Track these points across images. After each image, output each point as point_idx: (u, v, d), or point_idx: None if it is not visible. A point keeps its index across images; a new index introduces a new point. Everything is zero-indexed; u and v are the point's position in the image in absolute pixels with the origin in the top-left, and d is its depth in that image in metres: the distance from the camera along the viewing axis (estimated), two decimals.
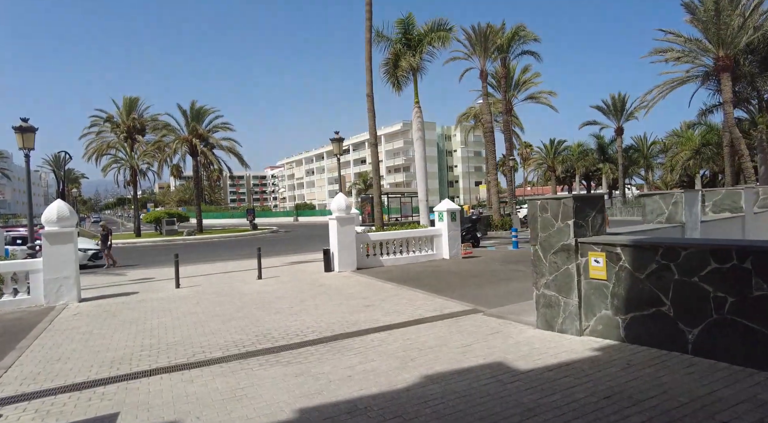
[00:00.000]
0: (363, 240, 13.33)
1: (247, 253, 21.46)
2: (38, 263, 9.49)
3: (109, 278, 13.68)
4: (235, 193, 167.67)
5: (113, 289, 11.42)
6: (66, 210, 9.68)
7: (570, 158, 65.27)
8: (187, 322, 7.70)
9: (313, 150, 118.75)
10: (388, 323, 7.09)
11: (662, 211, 8.09)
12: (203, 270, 14.57)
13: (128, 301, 9.81)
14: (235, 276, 13.01)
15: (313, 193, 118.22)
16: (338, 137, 15.50)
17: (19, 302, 9.41)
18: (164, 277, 13.16)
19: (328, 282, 11.24)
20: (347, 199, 12.98)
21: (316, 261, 15.90)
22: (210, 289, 10.94)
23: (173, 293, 10.53)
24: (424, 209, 20.29)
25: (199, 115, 40.60)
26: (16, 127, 11.17)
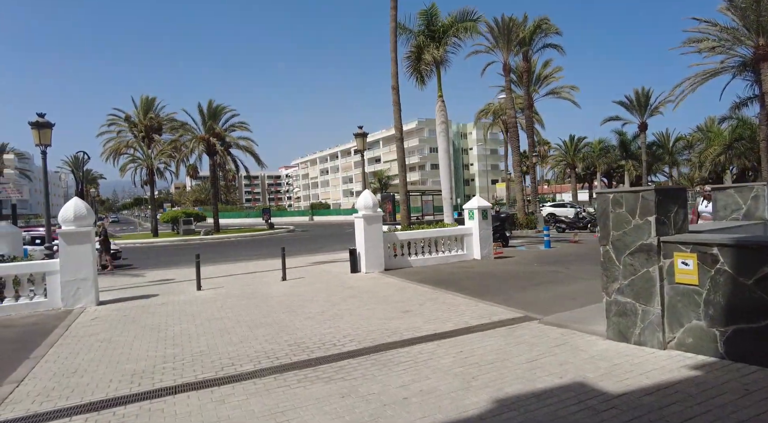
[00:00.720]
0: (390, 239, 12.65)
1: (267, 253, 20.96)
2: (55, 264, 9.01)
3: (127, 279, 13.22)
4: (250, 192, 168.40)
5: (132, 291, 10.91)
6: (83, 208, 9.18)
7: (591, 155, 63.74)
8: (212, 329, 7.09)
9: (327, 149, 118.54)
10: (433, 332, 6.38)
11: (738, 206, 7.25)
12: (224, 270, 14.03)
13: (148, 304, 9.27)
14: (258, 277, 12.43)
15: (327, 192, 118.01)
16: (362, 132, 14.85)
17: (36, 305, 8.93)
18: (185, 278, 12.64)
19: (357, 284, 10.58)
20: (374, 197, 12.31)
21: (339, 261, 15.28)
22: (233, 291, 10.36)
23: (195, 296, 9.97)
24: (448, 207, 19.53)
25: (216, 113, 40.38)
26: (32, 122, 10.73)
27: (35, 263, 9.07)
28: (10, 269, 8.79)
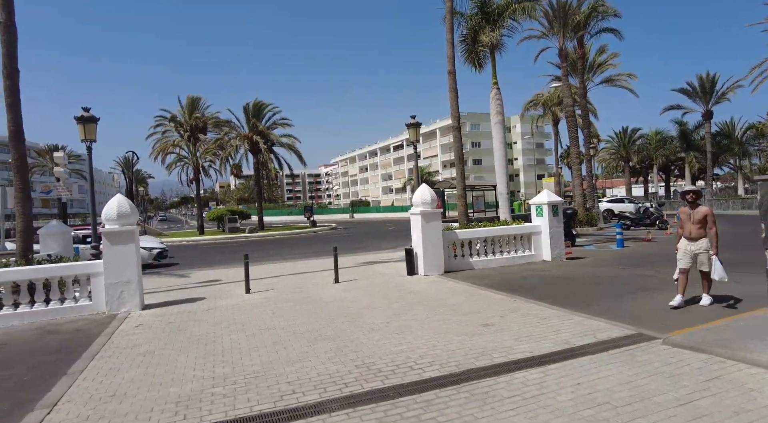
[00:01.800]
0: (449, 238, 11.48)
1: (313, 252, 20.26)
2: (99, 265, 8.44)
3: (173, 280, 12.72)
4: (291, 190, 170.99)
5: (178, 294, 10.30)
6: (126, 205, 8.57)
7: (646, 147, 59.88)
8: (265, 342, 6.21)
9: (367, 147, 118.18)
10: (529, 354, 5.21)
11: None
12: (272, 270, 13.32)
13: (194, 309, 8.56)
14: (308, 279, 11.59)
15: (366, 189, 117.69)
16: (415, 122, 13.74)
17: (81, 309, 8.40)
18: (231, 279, 11.99)
19: (417, 288, 9.50)
20: (432, 192, 11.17)
21: (390, 261, 14.29)
22: (284, 294, 9.53)
23: (244, 300, 9.20)
24: (504, 203, 18.12)
25: (259, 111, 40.39)
26: (78, 117, 10.33)
27: (78, 264, 8.54)
28: (54, 271, 8.29)
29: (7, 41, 9.26)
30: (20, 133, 9.29)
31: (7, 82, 9.20)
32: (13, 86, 9.25)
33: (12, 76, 9.24)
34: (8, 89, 9.19)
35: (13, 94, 9.24)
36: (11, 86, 9.22)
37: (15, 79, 9.30)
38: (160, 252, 17.66)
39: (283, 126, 41.37)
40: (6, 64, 9.19)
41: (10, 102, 9.18)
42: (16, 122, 9.22)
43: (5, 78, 9.19)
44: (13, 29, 9.39)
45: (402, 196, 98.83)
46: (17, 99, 9.31)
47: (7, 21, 9.34)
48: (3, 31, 9.24)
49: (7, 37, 9.26)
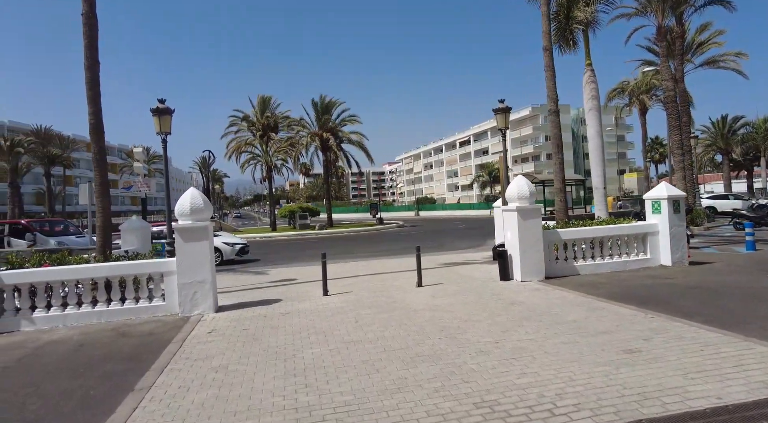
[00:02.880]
0: (550, 239, 9.94)
1: (385, 250, 19.35)
2: (171, 264, 7.94)
3: (248, 278, 12.25)
4: (357, 188, 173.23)
5: (253, 294, 9.69)
6: (200, 199, 7.99)
7: (752, 137, 53.07)
8: (353, 360, 5.20)
9: (432, 143, 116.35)
10: (719, 402, 3.75)
11: None
12: (347, 270, 12.48)
13: (270, 313, 7.80)
14: (387, 280, 10.58)
15: (431, 187, 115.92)
16: (504, 107, 12.26)
17: (155, 309, 7.95)
18: (307, 279, 11.27)
19: (519, 297, 8.12)
20: (531, 185, 9.70)
21: (474, 263, 12.96)
22: (365, 298, 8.55)
23: (322, 303, 8.34)
24: (600, 198, 16.09)
25: (328, 108, 40.37)
26: (153, 109, 10.06)
27: (150, 262, 8.10)
28: (127, 268, 7.89)
29: (89, 32, 9.07)
30: (100, 127, 9.08)
31: (88, 74, 9.01)
32: (94, 78, 9.05)
33: (92, 68, 9.05)
34: (89, 81, 9.00)
35: (94, 86, 9.05)
36: (92, 78, 9.02)
37: (95, 70, 9.10)
38: (242, 247, 17.62)
39: (351, 122, 41.09)
40: (87, 55, 9.00)
41: (91, 95, 8.99)
42: (96, 115, 9.01)
43: (86, 69, 9.01)
44: (94, 20, 9.20)
45: (468, 194, 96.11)
46: (98, 92, 9.11)
47: (89, 12, 9.17)
48: (84, 22, 9.07)
49: (88, 28, 9.07)
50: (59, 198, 64.58)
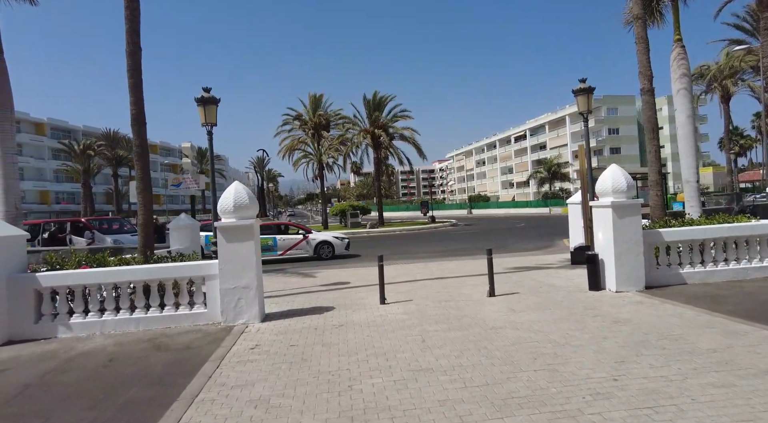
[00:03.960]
0: (651, 240, 8.27)
1: (442, 251, 18.03)
2: (213, 266, 7.12)
3: (298, 281, 11.39)
4: (406, 187, 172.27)
5: (303, 300, 8.74)
6: (244, 195, 7.11)
7: None
8: (426, 400, 4.01)
9: (484, 139, 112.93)
10: None
11: None
12: (404, 273, 11.32)
13: (322, 325, 6.77)
14: (451, 286, 9.31)
15: (483, 184, 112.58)
16: (586, 87, 10.58)
17: (195, 317, 7.16)
18: (361, 282, 10.22)
19: (622, 313, 6.60)
20: (627, 175, 8.07)
21: (549, 267, 11.40)
22: (429, 310, 7.34)
23: (379, 314, 7.22)
24: (693, 194, 13.90)
25: (380, 104, 39.47)
26: (198, 98, 9.38)
27: (190, 265, 7.32)
28: (166, 271, 7.14)
29: (130, 16, 8.48)
30: (142, 118, 8.47)
31: (129, 61, 8.43)
32: (135, 65, 8.45)
33: (134, 55, 8.45)
34: (130, 69, 8.40)
35: (135, 74, 8.45)
36: (133, 65, 8.42)
37: (137, 57, 8.50)
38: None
39: (403, 118, 39.94)
40: (128, 40, 8.42)
41: (132, 83, 8.39)
42: (137, 105, 8.41)
43: (127, 56, 8.43)
44: (136, 4, 8.61)
45: (524, 191, 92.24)
46: (139, 80, 8.50)
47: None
48: (126, 5, 8.49)
49: (129, 12, 8.49)
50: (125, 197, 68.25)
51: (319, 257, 16.63)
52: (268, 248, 16.08)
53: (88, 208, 55.50)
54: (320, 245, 16.89)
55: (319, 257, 16.63)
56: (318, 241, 16.99)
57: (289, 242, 16.71)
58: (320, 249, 16.84)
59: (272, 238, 16.40)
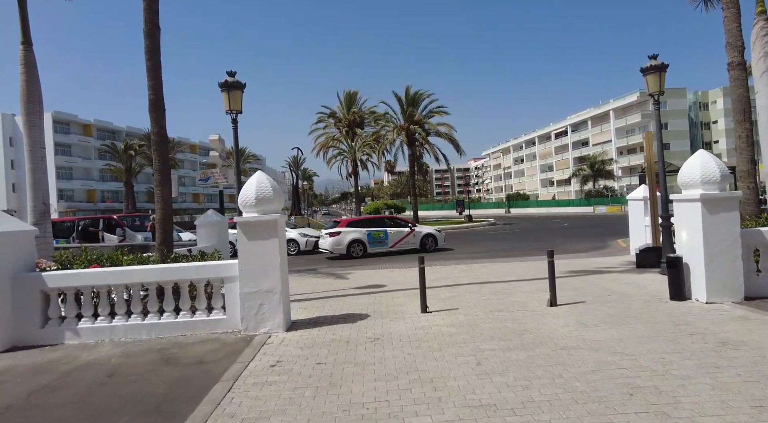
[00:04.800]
0: (752, 241, 6.84)
1: (483, 252, 16.78)
2: (233, 267, 6.27)
3: (330, 282, 10.50)
4: (440, 185, 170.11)
5: (334, 305, 7.82)
6: (267, 186, 6.24)
7: None
8: None
9: (523, 136, 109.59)
10: None
11: None
12: (444, 275, 10.24)
13: (354, 338, 5.80)
14: (501, 292, 8.15)
15: (521, 182, 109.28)
16: (657, 64, 9.08)
17: (214, 324, 6.34)
18: (397, 285, 9.22)
19: (727, 332, 5.29)
20: (720, 163, 6.69)
21: (611, 271, 10.05)
22: (481, 322, 6.24)
23: (421, 326, 6.18)
24: None
25: (415, 100, 38.30)
26: (222, 83, 8.62)
27: (207, 265, 6.51)
28: (182, 272, 6.35)
29: None
30: (160, 103, 7.76)
31: (147, 42, 7.74)
32: (154, 46, 7.76)
33: (152, 35, 7.75)
34: (149, 50, 7.71)
35: (154, 55, 7.75)
36: (152, 46, 7.73)
37: (155, 37, 7.80)
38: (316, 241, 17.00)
39: (439, 114, 38.65)
40: (146, 19, 7.73)
41: (150, 65, 7.69)
42: (156, 89, 7.71)
43: (145, 36, 7.74)
44: None
45: (565, 189, 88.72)
46: (157, 62, 7.80)
47: None
48: None
49: None
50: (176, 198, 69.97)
51: (424, 249, 17.04)
52: (380, 241, 16.56)
53: (130, 206, 57.01)
54: (425, 237, 17.32)
55: (424, 249, 17.02)
56: (423, 233, 17.41)
57: (398, 235, 16.93)
58: (425, 241, 17.27)
59: (383, 231, 16.70)
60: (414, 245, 16.98)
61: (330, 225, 17.55)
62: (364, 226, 16.68)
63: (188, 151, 79.94)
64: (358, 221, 17.21)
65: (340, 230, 16.23)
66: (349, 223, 16.94)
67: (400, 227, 17.26)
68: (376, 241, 16.43)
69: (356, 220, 17.54)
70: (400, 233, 16.94)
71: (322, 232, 17.27)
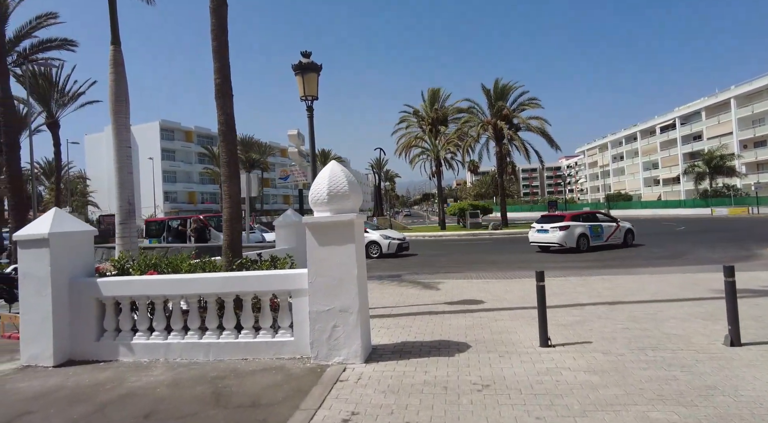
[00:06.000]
0: None
1: (593, 261, 14.37)
2: (302, 278, 5.09)
3: (416, 293, 9.10)
4: (528, 185, 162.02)
5: (422, 326, 6.39)
6: (342, 179, 4.99)
7: None
8: None
9: (622, 131, 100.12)
10: None
11: None
12: (556, 290, 8.33)
13: (454, 382, 4.31)
14: (643, 319, 6.16)
15: (621, 181, 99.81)
16: None
17: (279, 347, 5.22)
18: (499, 303, 7.55)
19: None
20: None
21: None
22: (632, 365, 4.41)
23: (546, 369, 4.51)
24: None
25: (503, 93, 35.84)
26: (296, 65, 7.62)
27: (271, 275, 5.40)
28: (239, 283, 5.29)
29: None
30: (227, 88, 6.89)
31: (213, 19, 6.87)
32: (220, 23, 6.90)
33: (219, 12, 6.90)
34: (215, 28, 6.87)
35: (220, 34, 6.89)
36: (218, 23, 6.88)
37: (222, 14, 6.95)
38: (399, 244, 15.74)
39: (531, 106, 35.77)
40: None
41: (216, 45, 6.85)
42: (222, 72, 6.84)
43: (211, 13, 6.90)
44: None
45: (673, 188, 79.29)
46: (224, 42, 6.92)
47: None
48: None
49: None
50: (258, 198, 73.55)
51: (626, 244, 17.54)
52: (598, 235, 17.00)
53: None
54: (627, 233, 17.73)
55: (626, 244, 17.53)
56: (625, 228, 17.75)
57: (609, 230, 17.35)
58: (626, 236, 17.72)
59: (600, 226, 17.12)
60: (619, 240, 17.42)
61: (540, 220, 17.96)
62: (584, 221, 17.14)
63: (279, 154, 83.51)
64: (577, 216, 17.61)
65: (569, 224, 16.57)
66: (572, 217, 17.33)
67: (609, 222, 17.66)
68: (595, 235, 16.86)
69: (576, 214, 17.97)
70: (611, 228, 17.38)
71: (532, 227, 17.80)
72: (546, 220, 17.57)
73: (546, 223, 17.26)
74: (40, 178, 51.96)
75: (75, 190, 57.97)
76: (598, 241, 16.87)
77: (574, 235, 16.38)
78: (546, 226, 17.01)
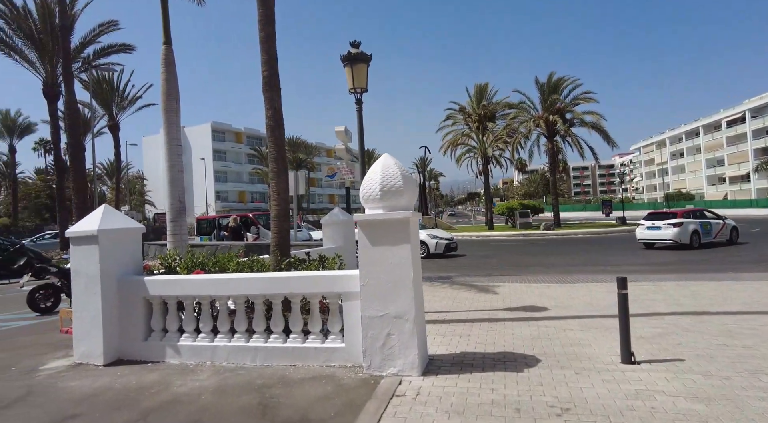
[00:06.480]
0: None
1: (659, 264, 13.22)
2: (353, 280, 4.71)
3: (472, 297, 8.53)
4: (579, 184, 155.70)
5: (482, 335, 5.85)
6: (396, 174, 4.55)
7: None
8: None
9: (683, 126, 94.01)
10: None
11: None
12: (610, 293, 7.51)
13: (527, 403, 3.77)
14: (737, 332, 5.34)
15: (681, 180, 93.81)
16: None
17: (329, 354, 4.86)
18: (564, 310, 6.87)
19: None
20: None
21: None
22: (744, 393, 3.70)
23: (634, 390, 3.88)
24: None
25: (557, 86, 34.28)
26: (345, 56, 7.26)
27: (319, 276, 5.03)
28: (284, 284, 4.96)
29: None
30: (275, 81, 6.63)
31: (260, 10, 6.58)
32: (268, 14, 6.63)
33: (266, 2, 6.65)
34: (262, 17, 6.63)
35: (268, 24, 6.65)
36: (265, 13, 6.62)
37: (270, 5, 6.70)
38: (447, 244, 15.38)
39: (585, 101, 33.97)
40: None
41: (263, 36, 6.60)
42: (270, 65, 6.59)
43: (258, 4, 6.67)
44: None
45: (741, 187, 73.53)
46: (272, 31, 6.67)
47: None
48: None
49: None
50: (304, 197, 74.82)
51: (732, 242, 17.59)
52: (708, 232, 16.98)
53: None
54: (732, 231, 17.73)
55: (731, 242, 17.58)
56: (731, 227, 17.72)
57: (717, 227, 17.37)
58: (732, 234, 17.68)
59: (709, 223, 17.19)
60: (725, 237, 17.44)
61: (649, 217, 17.76)
62: (693, 218, 17.06)
63: (324, 154, 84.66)
64: (687, 213, 17.47)
65: (683, 221, 16.51)
66: (683, 214, 17.20)
67: (717, 220, 17.57)
68: (705, 232, 16.82)
69: (686, 211, 17.81)
70: (718, 225, 17.37)
71: (641, 224, 17.58)
72: (656, 217, 17.36)
73: (657, 220, 17.08)
74: (103, 178, 55.13)
75: (134, 190, 61.16)
76: (708, 238, 16.76)
77: (688, 231, 16.21)
78: (658, 223, 16.79)
